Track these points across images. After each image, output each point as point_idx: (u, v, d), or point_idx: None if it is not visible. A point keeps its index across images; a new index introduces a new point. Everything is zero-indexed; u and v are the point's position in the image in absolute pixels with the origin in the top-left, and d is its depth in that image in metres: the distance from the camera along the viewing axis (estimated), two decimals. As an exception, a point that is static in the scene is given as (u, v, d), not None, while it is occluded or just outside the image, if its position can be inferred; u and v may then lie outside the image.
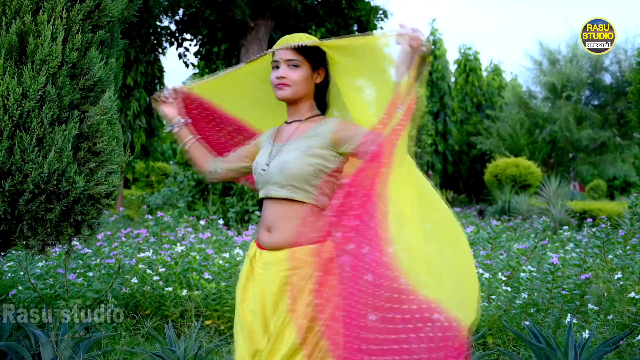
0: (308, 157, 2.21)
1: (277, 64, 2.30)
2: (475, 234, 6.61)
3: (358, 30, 13.61)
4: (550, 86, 23.37)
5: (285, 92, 2.29)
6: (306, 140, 2.26)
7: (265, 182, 2.28)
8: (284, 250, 2.21)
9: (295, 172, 2.20)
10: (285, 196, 2.21)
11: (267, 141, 2.41)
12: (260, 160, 2.33)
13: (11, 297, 4.37)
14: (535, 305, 4.35)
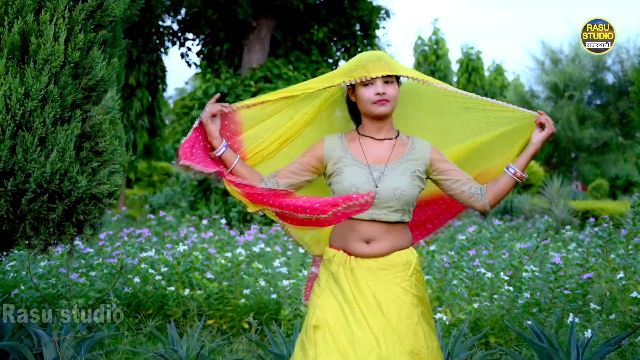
0: (415, 182, 2.36)
1: (371, 81, 2.33)
2: (478, 234, 6.61)
3: (360, 30, 13.60)
4: (552, 86, 23.36)
5: (387, 108, 2.34)
6: (409, 165, 2.37)
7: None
8: (389, 256, 2.35)
9: (410, 198, 2.35)
10: (397, 220, 2.34)
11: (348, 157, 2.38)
12: (358, 182, 2.31)
13: (13, 296, 4.37)
14: (538, 305, 4.34)
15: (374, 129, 2.41)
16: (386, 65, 2.31)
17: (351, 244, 2.34)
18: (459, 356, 3.58)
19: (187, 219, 8.40)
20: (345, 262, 2.34)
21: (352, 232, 2.34)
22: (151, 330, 3.91)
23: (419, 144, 2.42)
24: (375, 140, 2.41)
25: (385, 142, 2.40)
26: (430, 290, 4.41)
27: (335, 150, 2.42)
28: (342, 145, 2.42)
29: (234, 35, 12.92)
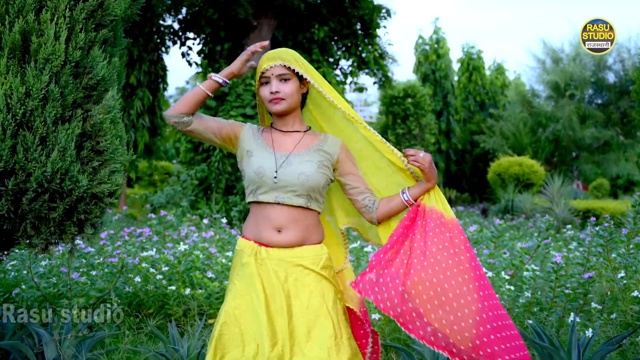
0: (322, 170, 2.42)
1: (267, 79, 2.43)
2: (479, 233, 6.61)
3: (361, 29, 13.60)
4: (553, 85, 23.32)
5: (281, 106, 2.43)
6: (317, 155, 2.44)
7: (274, 188, 2.39)
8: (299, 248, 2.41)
9: (314, 184, 2.40)
10: (301, 204, 2.39)
11: (258, 144, 2.49)
12: (265, 165, 2.41)
13: (14, 295, 4.38)
14: (539, 304, 4.34)
15: (280, 124, 2.52)
16: (279, 63, 2.40)
17: (263, 233, 2.41)
18: (459, 355, 3.57)
19: (188, 218, 8.39)
20: (256, 253, 2.40)
21: (264, 219, 2.41)
22: (152, 330, 3.91)
23: (331, 140, 2.51)
24: (283, 133, 2.51)
25: (293, 134, 2.50)
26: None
27: (249, 137, 2.52)
28: (255, 135, 2.52)
29: (234, 35, 12.92)
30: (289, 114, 2.49)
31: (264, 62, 2.42)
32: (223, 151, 11.54)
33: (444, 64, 26.27)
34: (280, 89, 2.40)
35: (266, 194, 2.39)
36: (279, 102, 2.41)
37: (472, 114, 27.61)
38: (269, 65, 2.40)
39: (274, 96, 2.40)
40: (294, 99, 2.45)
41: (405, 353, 3.65)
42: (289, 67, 2.41)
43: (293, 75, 2.43)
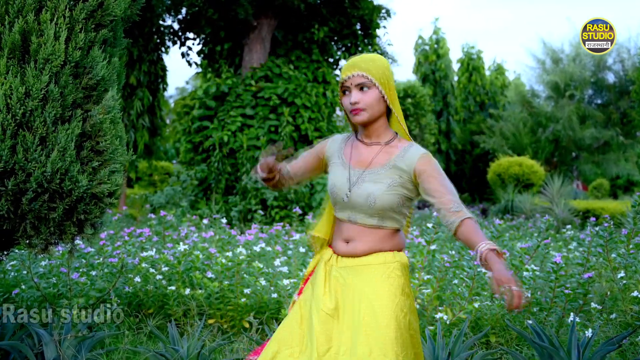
0: (393, 190, 2.28)
1: (348, 89, 2.33)
2: (478, 233, 6.59)
3: (361, 30, 13.60)
4: (553, 85, 23.33)
5: (362, 117, 2.31)
6: (391, 172, 2.30)
7: (347, 207, 2.33)
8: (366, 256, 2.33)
9: (383, 206, 2.27)
10: (374, 225, 2.31)
11: (339, 158, 2.42)
12: (338, 183, 2.35)
13: (14, 296, 4.38)
14: (539, 304, 4.34)
15: (364, 134, 2.41)
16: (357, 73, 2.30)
17: (335, 242, 2.41)
18: (459, 355, 3.58)
19: (187, 219, 8.39)
20: (329, 259, 2.39)
21: (338, 232, 2.39)
22: (152, 330, 3.91)
23: (410, 153, 2.31)
24: (363, 144, 2.40)
25: (373, 147, 2.38)
26: (431, 289, 4.41)
27: (333, 150, 2.46)
28: (340, 146, 2.46)
29: (234, 35, 12.92)
30: (371, 124, 2.36)
31: (344, 72, 2.33)
32: (223, 151, 11.55)
33: (444, 64, 26.30)
34: (360, 99, 2.28)
35: (341, 212, 2.36)
36: (358, 112, 2.29)
37: (472, 114, 27.63)
38: (347, 76, 2.30)
39: (354, 107, 2.29)
40: (376, 109, 2.31)
41: (405, 353, 3.64)
42: (367, 76, 2.28)
43: (372, 83, 2.29)
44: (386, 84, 2.33)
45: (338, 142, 2.48)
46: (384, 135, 2.39)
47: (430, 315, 4.32)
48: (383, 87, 2.32)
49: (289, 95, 11.64)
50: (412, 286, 4.51)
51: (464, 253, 5.05)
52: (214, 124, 11.81)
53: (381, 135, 2.39)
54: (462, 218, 2.16)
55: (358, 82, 2.29)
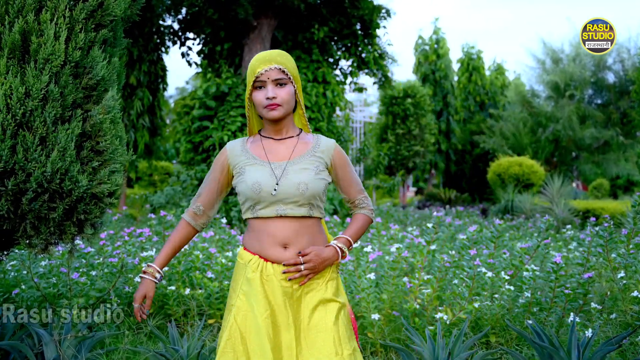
0: (320, 176, 2.34)
1: (262, 84, 2.33)
2: (479, 233, 6.60)
3: (361, 30, 13.60)
4: (553, 85, 23.33)
5: (278, 112, 2.33)
6: (313, 160, 2.36)
7: (275, 201, 2.29)
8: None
9: (314, 192, 2.31)
10: (304, 214, 2.31)
11: (250, 159, 2.38)
12: (260, 180, 2.30)
13: (14, 296, 4.38)
14: (539, 304, 4.34)
15: (273, 131, 2.41)
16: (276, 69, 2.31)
17: (268, 250, 2.31)
18: (459, 355, 3.58)
19: (187, 219, 8.37)
20: (262, 269, 2.30)
21: (267, 236, 2.31)
22: (152, 330, 3.91)
23: (324, 142, 2.43)
24: (275, 140, 2.41)
25: (286, 141, 2.41)
26: (431, 289, 4.41)
27: (236, 155, 2.42)
28: (244, 148, 2.42)
29: (234, 35, 12.92)
30: (283, 120, 2.38)
31: (257, 65, 2.31)
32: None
33: (444, 64, 26.30)
34: (277, 94, 2.30)
35: (266, 209, 2.29)
36: (275, 108, 2.30)
37: (472, 114, 27.63)
38: (264, 69, 2.30)
39: (271, 102, 2.29)
40: (291, 105, 2.36)
41: (404, 353, 3.65)
42: (284, 70, 2.32)
43: (288, 79, 2.33)
44: (297, 79, 2.39)
45: (239, 148, 2.44)
46: (292, 130, 2.43)
47: (430, 315, 4.32)
48: (296, 82, 2.37)
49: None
50: (412, 286, 4.51)
51: (464, 253, 5.05)
52: (214, 124, 11.81)
53: (290, 129, 2.43)
54: (356, 212, 2.53)
55: (275, 77, 2.30)
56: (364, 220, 2.51)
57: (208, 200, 2.48)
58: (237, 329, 2.26)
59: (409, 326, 3.88)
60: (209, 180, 2.48)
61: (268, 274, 2.29)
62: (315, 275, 2.31)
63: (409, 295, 4.52)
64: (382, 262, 4.94)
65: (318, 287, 2.31)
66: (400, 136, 21.66)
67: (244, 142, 2.46)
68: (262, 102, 2.31)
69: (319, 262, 2.29)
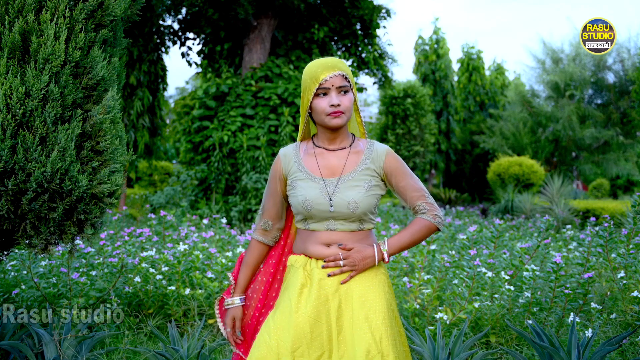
0: (371, 192, 2.30)
1: (326, 91, 2.27)
2: (479, 233, 6.61)
3: (361, 30, 13.60)
4: (553, 85, 23.31)
5: (341, 120, 2.28)
6: (364, 175, 2.31)
7: (327, 218, 2.29)
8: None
9: (365, 209, 2.28)
10: (354, 229, 2.30)
11: (302, 172, 2.35)
12: (311, 197, 2.29)
13: (14, 296, 4.38)
14: (539, 304, 4.34)
15: (327, 140, 2.37)
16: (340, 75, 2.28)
17: (310, 248, 2.33)
18: (459, 355, 3.58)
19: (187, 219, 8.39)
20: (305, 264, 2.32)
21: (312, 237, 2.32)
22: (152, 330, 3.91)
23: (375, 151, 2.36)
24: (328, 152, 2.37)
25: (338, 152, 2.36)
26: (431, 289, 4.41)
27: (290, 163, 2.40)
28: (297, 158, 2.39)
29: (234, 35, 12.92)
30: (342, 128, 2.34)
31: (320, 72, 2.27)
32: (223, 151, 11.55)
33: (444, 64, 26.28)
34: (342, 102, 2.26)
35: (317, 224, 2.31)
36: (339, 115, 2.26)
37: (472, 114, 27.62)
38: (328, 76, 2.25)
39: (335, 109, 2.25)
40: (352, 112, 2.32)
41: (405, 353, 3.64)
42: (347, 77, 2.28)
43: (350, 87, 2.30)
44: (354, 86, 2.35)
45: (291, 156, 2.41)
46: (346, 139, 2.39)
47: (430, 315, 4.33)
48: (355, 90, 2.34)
49: (289, 95, 11.63)
50: (412, 286, 4.52)
51: (464, 253, 5.06)
52: (214, 124, 11.81)
53: (344, 139, 2.38)
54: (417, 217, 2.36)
55: (340, 84, 2.27)
56: (422, 224, 2.35)
57: (275, 213, 2.49)
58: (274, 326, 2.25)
59: (409, 326, 3.88)
60: (270, 193, 2.47)
61: (312, 268, 2.30)
62: (357, 273, 2.28)
63: (409, 295, 4.52)
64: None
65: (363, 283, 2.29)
66: (400, 136, 21.65)
67: (297, 149, 2.43)
68: (325, 109, 2.27)
69: (358, 259, 2.27)
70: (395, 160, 2.36)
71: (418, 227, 2.35)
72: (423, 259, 4.64)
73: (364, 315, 2.22)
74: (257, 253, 2.53)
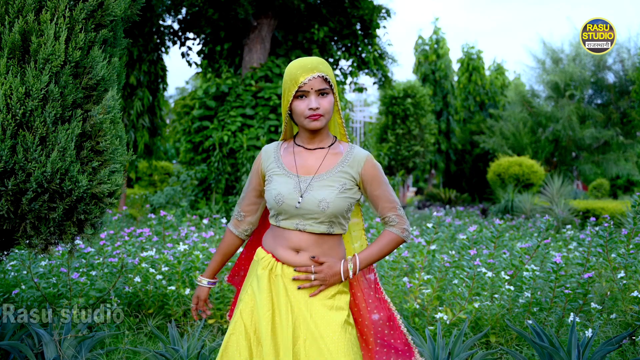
0: (344, 194, 2.29)
1: (305, 93, 2.27)
2: (479, 233, 6.61)
3: (361, 30, 13.60)
4: (553, 85, 23.31)
5: (320, 123, 2.28)
6: (339, 177, 2.31)
7: (296, 215, 2.28)
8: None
9: (336, 210, 2.27)
10: (323, 232, 2.29)
11: (279, 167, 2.37)
12: (284, 192, 2.29)
13: (14, 296, 4.38)
14: (538, 304, 4.35)
15: (307, 140, 2.37)
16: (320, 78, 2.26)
17: (279, 251, 2.32)
18: (459, 355, 3.58)
19: (187, 219, 8.39)
20: (272, 267, 2.33)
21: (282, 239, 2.32)
22: (152, 330, 3.91)
23: (355, 156, 2.35)
24: (307, 151, 2.37)
25: (316, 151, 2.36)
26: (431, 289, 4.41)
27: (269, 160, 2.41)
28: (276, 155, 2.41)
29: (234, 35, 12.92)
30: (322, 130, 2.34)
31: (299, 74, 2.25)
32: (223, 151, 11.55)
33: (444, 64, 26.30)
34: (320, 105, 2.25)
35: (287, 220, 2.30)
36: (318, 118, 2.25)
37: (472, 114, 27.64)
38: (307, 78, 2.23)
39: (314, 112, 2.24)
40: (331, 114, 2.31)
41: (405, 353, 3.64)
42: (327, 79, 2.27)
43: (330, 89, 2.28)
44: (336, 87, 2.35)
45: (272, 152, 2.43)
46: (326, 140, 2.38)
47: (430, 315, 4.33)
48: (336, 91, 2.33)
49: (289, 95, 11.62)
50: (412, 286, 4.52)
51: (464, 253, 5.06)
52: (214, 124, 11.81)
53: (324, 139, 2.38)
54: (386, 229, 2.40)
55: (319, 87, 2.25)
56: (390, 238, 2.38)
57: (248, 205, 2.52)
58: (242, 324, 2.29)
59: (409, 326, 3.88)
60: (248, 185, 2.51)
61: (276, 274, 2.30)
62: (325, 288, 2.29)
63: (409, 295, 4.52)
64: (382, 262, 4.94)
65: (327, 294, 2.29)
66: (400, 136, 21.67)
67: (278, 147, 2.44)
68: (304, 112, 2.26)
69: (330, 274, 2.28)
70: (373, 167, 2.35)
71: (386, 241, 2.38)
72: (423, 259, 4.64)
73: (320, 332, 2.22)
74: (227, 241, 2.59)
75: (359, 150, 2.37)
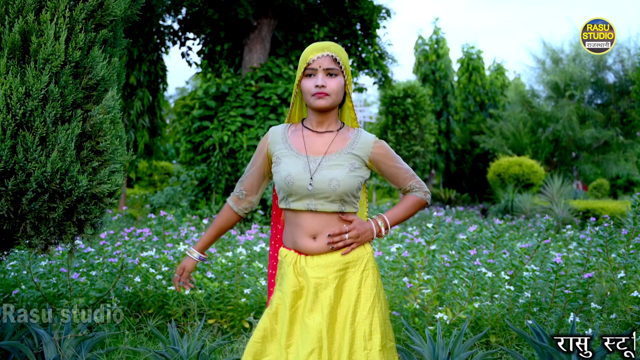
0: (354, 173, 2.31)
1: (313, 72, 2.30)
2: (479, 233, 6.61)
3: (361, 30, 13.60)
4: (553, 85, 23.31)
5: (325, 102, 2.30)
6: (348, 157, 2.33)
7: (308, 195, 2.29)
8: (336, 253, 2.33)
9: (346, 189, 2.29)
10: (335, 210, 2.30)
11: (288, 149, 2.38)
12: (294, 172, 2.30)
13: (14, 296, 4.38)
14: (538, 304, 4.34)
15: (315, 123, 2.39)
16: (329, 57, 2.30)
17: (299, 241, 2.34)
18: (459, 356, 3.58)
19: (187, 219, 8.39)
20: (295, 262, 2.34)
21: (298, 227, 2.34)
22: (152, 330, 3.91)
23: (362, 139, 2.38)
24: (315, 133, 2.39)
25: (325, 134, 2.38)
26: (431, 289, 4.41)
27: (277, 141, 2.42)
28: (284, 136, 2.42)
29: (234, 35, 12.93)
30: (328, 112, 2.36)
31: (310, 52, 2.30)
32: (223, 151, 11.55)
33: (444, 64, 26.27)
34: (327, 84, 2.27)
35: (298, 202, 2.31)
36: (323, 97, 2.28)
37: (472, 114, 27.61)
38: (316, 56, 2.28)
39: (319, 90, 2.27)
40: (339, 97, 2.33)
41: (404, 353, 3.65)
42: (337, 60, 2.30)
43: (340, 70, 2.31)
44: (348, 72, 2.36)
45: (280, 134, 2.44)
46: (334, 124, 2.41)
47: (430, 315, 4.33)
48: (347, 74, 2.35)
49: (289, 95, 11.64)
50: (412, 286, 4.52)
51: (464, 253, 5.06)
52: (214, 124, 11.82)
53: (332, 123, 2.40)
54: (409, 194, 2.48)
55: (327, 65, 2.29)
56: (413, 200, 2.47)
57: (250, 184, 2.53)
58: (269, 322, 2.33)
59: (409, 326, 3.88)
60: (252, 164, 2.52)
61: (302, 266, 2.32)
62: (358, 246, 2.33)
63: (409, 295, 4.52)
64: (382, 262, 4.94)
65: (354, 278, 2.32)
66: (400, 136, 21.65)
67: (286, 129, 2.46)
68: (310, 89, 2.29)
69: (362, 230, 2.33)
70: (382, 147, 2.40)
71: (411, 203, 2.47)
72: (423, 259, 4.64)
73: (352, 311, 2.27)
74: (225, 216, 2.58)
75: (365, 134, 2.41)
